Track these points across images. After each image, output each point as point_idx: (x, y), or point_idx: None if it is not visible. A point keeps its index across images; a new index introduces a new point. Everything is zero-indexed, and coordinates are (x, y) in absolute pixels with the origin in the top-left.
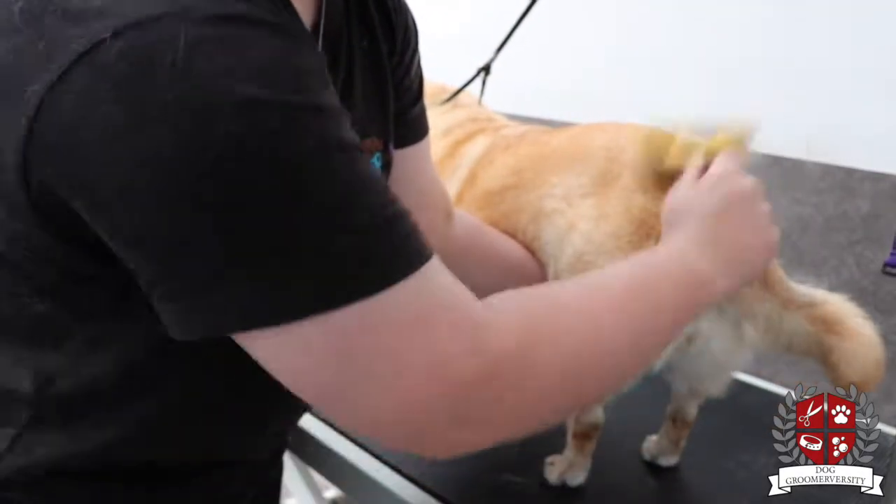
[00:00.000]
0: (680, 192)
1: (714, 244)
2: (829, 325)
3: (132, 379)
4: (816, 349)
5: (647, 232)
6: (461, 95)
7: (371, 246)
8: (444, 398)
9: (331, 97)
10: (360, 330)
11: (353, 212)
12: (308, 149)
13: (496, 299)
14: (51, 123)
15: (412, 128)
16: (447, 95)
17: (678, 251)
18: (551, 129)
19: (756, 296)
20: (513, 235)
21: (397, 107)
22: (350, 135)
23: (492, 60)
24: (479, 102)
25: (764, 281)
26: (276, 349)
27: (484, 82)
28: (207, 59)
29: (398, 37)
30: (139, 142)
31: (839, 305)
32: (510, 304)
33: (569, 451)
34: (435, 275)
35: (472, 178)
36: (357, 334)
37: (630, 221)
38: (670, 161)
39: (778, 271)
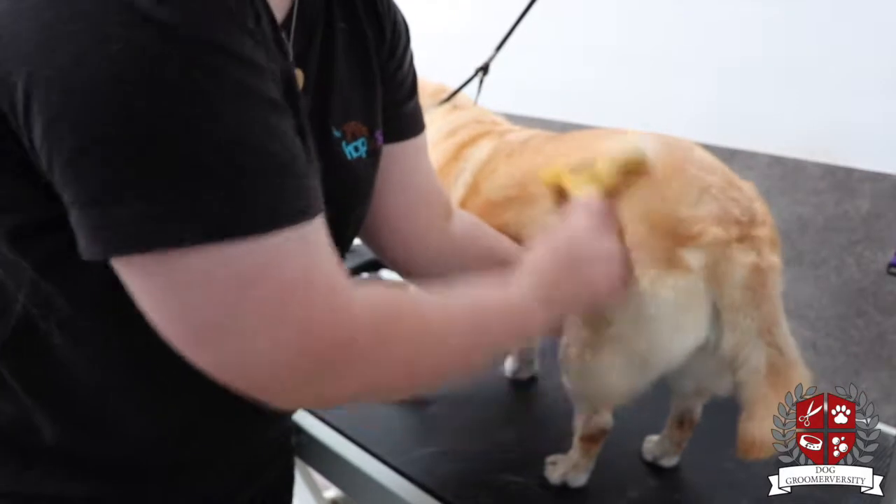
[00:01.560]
0: (557, 224)
1: (552, 284)
2: (777, 379)
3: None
4: (750, 391)
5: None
6: (459, 96)
7: (257, 187)
8: (309, 356)
9: (248, 47)
10: (247, 273)
11: (243, 152)
12: (208, 83)
13: (362, 282)
14: None
15: (408, 122)
16: (446, 95)
17: (521, 289)
18: (554, 135)
19: (745, 307)
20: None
21: (391, 100)
22: (259, 85)
23: (490, 60)
24: (475, 103)
25: (762, 293)
26: (155, 279)
27: (481, 82)
28: None
29: (386, 26)
30: (60, 39)
31: (799, 375)
32: (372, 286)
33: (574, 453)
34: (320, 234)
35: (475, 187)
36: (243, 277)
37: (647, 230)
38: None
39: (776, 293)
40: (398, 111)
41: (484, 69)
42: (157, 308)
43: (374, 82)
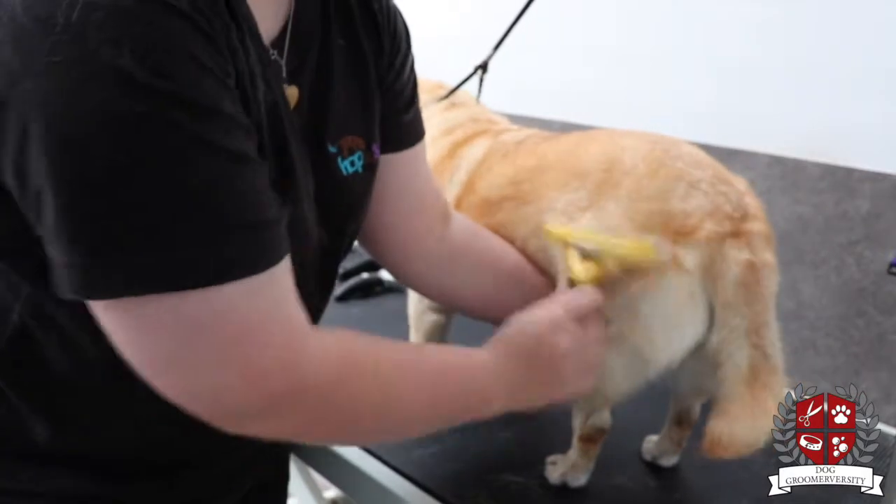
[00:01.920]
0: (538, 307)
1: (520, 384)
2: (755, 381)
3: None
4: (725, 389)
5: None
6: (459, 93)
7: (209, 241)
8: (251, 400)
9: (213, 95)
10: (193, 320)
11: (198, 207)
12: (166, 138)
13: (327, 329)
14: None
15: (407, 132)
16: (445, 92)
17: (488, 369)
18: (549, 135)
19: (737, 305)
20: (510, 244)
21: (390, 110)
22: (221, 138)
23: (489, 58)
24: (477, 101)
25: (755, 292)
26: (118, 321)
27: (481, 80)
28: (97, 27)
29: (385, 39)
30: (30, 90)
31: (779, 381)
32: (336, 340)
33: (573, 453)
34: (277, 282)
35: (470, 185)
36: (190, 324)
37: (636, 227)
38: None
39: (769, 293)
40: (398, 120)
41: (483, 67)
42: (115, 336)
43: (371, 96)
